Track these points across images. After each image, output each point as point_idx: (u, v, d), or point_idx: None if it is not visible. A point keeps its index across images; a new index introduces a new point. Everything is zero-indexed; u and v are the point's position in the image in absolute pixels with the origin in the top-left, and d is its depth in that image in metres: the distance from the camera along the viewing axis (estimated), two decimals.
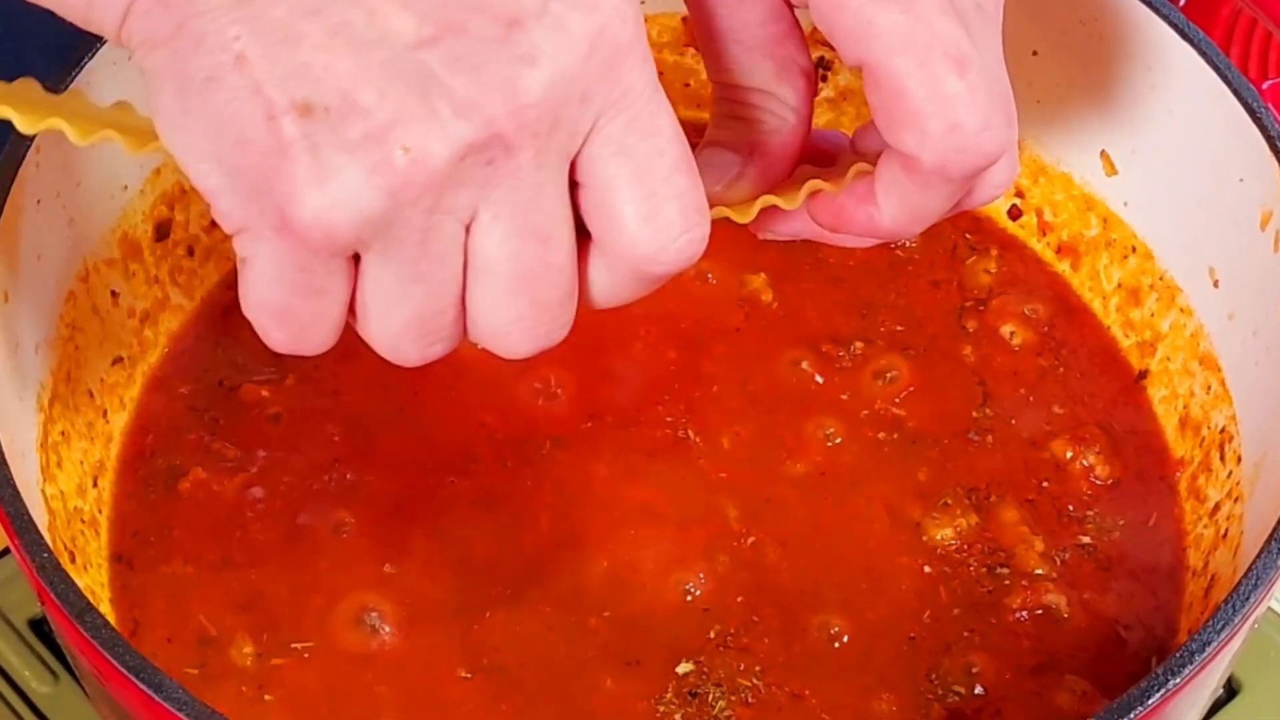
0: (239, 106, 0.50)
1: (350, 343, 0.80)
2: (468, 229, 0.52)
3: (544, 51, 0.51)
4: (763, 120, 0.60)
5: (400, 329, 0.54)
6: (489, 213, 0.52)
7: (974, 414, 0.80)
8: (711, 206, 0.56)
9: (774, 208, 0.60)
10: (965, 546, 0.75)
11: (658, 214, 0.53)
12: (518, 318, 0.54)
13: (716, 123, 0.61)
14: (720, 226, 0.58)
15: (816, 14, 0.57)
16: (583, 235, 0.55)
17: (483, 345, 0.56)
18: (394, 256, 0.52)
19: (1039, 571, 0.74)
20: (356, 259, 0.53)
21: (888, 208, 0.59)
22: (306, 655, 0.71)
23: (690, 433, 0.78)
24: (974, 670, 0.71)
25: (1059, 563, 0.75)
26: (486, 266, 0.53)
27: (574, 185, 0.54)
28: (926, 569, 0.74)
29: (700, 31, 0.60)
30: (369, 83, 0.50)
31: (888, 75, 0.55)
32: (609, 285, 0.56)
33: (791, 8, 0.60)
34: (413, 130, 0.50)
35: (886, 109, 0.56)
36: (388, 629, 0.72)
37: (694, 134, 0.56)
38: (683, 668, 0.71)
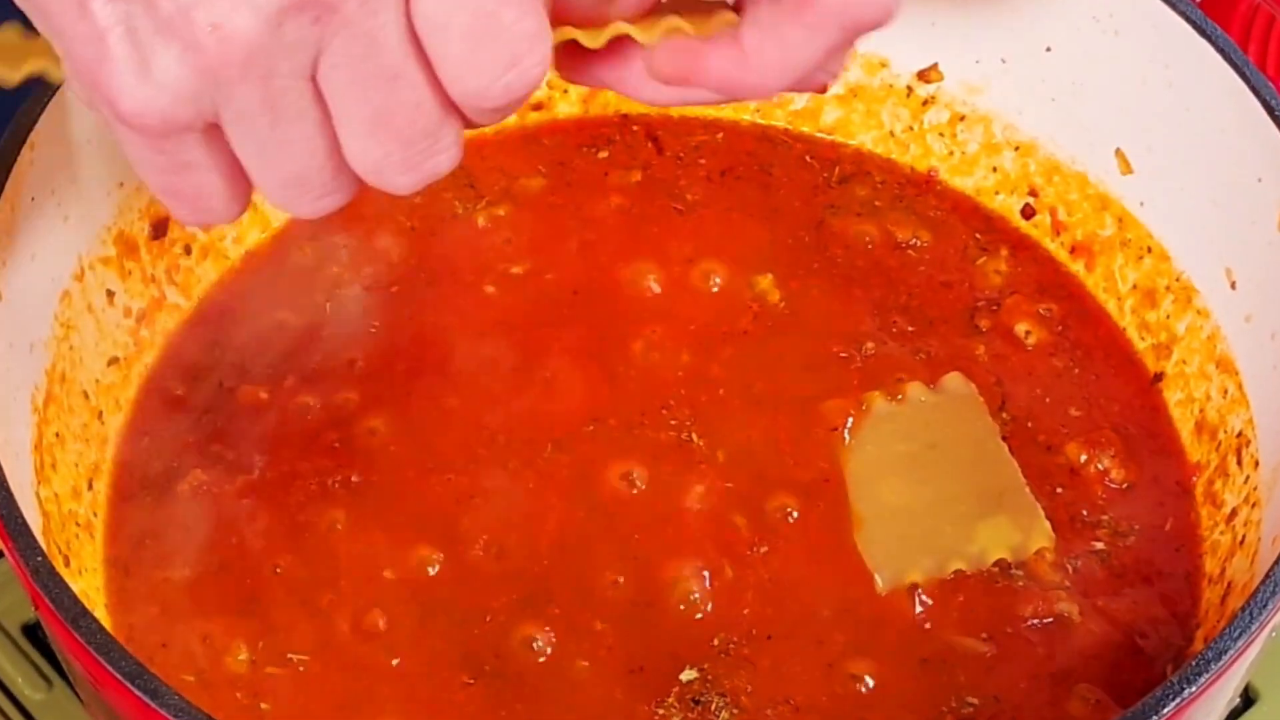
0: None
1: (350, 344, 0.81)
2: (317, 81, 0.52)
3: None
4: None
5: (282, 187, 0.55)
6: (328, 63, 0.52)
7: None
8: (566, 25, 0.55)
9: (624, 40, 0.58)
10: None
11: (480, 51, 0.52)
12: (386, 155, 0.54)
13: None
14: (722, 227, 0.57)
15: None
16: None
17: (373, 186, 0.56)
18: (246, 126, 0.53)
19: (1051, 579, 0.74)
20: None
21: (758, 53, 0.57)
22: (303, 664, 0.71)
23: (694, 435, 0.78)
24: (988, 679, 0.71)
25: (1071, 570, 0.75)
26: (341, 114, 0.53)
27: None
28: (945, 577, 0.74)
29: None
30: None
31: None
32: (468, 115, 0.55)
33: None
34: (217, 5, 0.50)
35: None
36: (388, 635, 0.72)
37: (701, 131, 0.55)
38: (686, 675, 0.71)
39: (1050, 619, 0.73)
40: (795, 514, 0.75)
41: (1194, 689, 0.61)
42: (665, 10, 0.58)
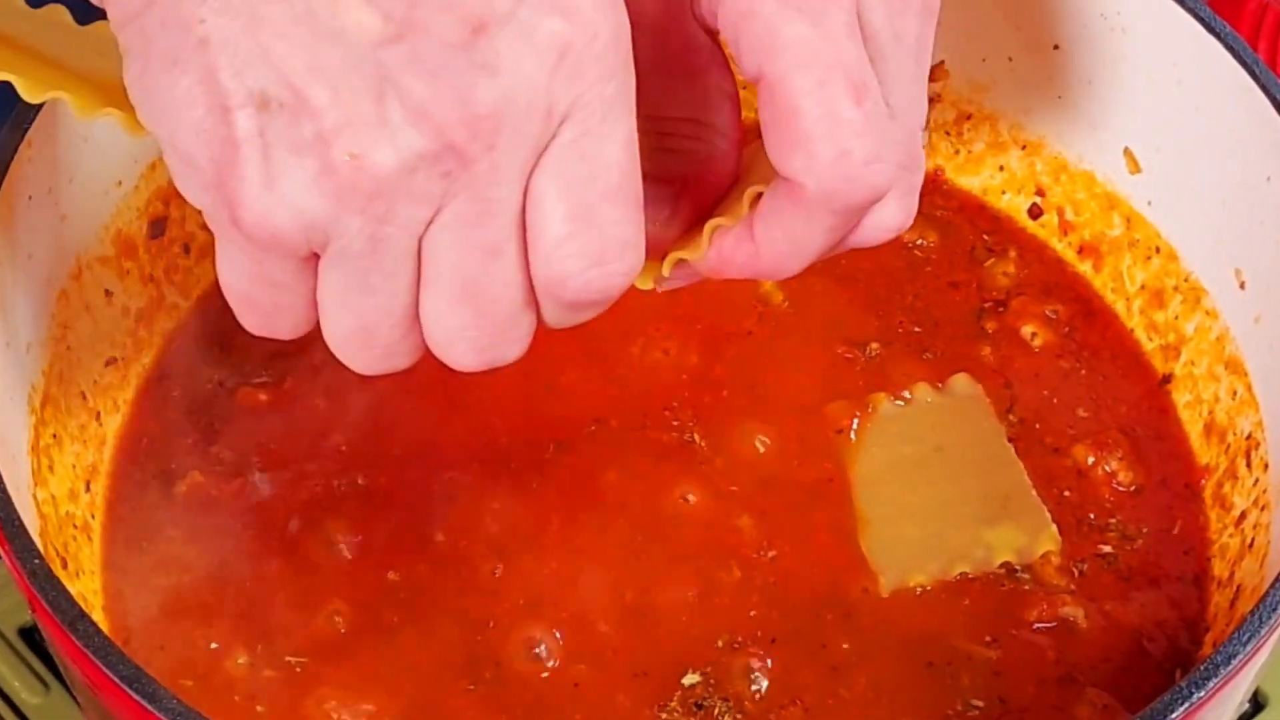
0: (197, 94, 0.50)
1: None
2: (422, 240, 0.53)
3: (505, 60, 0.50)
4: (694, 150, 0.60)
5: (348, 335, 0.55)
6: (440, 222, 0.52)
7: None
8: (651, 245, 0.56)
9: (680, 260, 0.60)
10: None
11: (574, 240, 0.53)
12: (461, 328, 0.54)
13: (648, 157, 0.59)
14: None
15: (724, 22, 0.56)
16: None
17: (435, 354, 0.56)
18: (343, 263, 0.53)
19: (1056, 583, 0.74)
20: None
21: (766, 239, 0.58)
22: (301, 668, 0.71)
23: (697, 437, 0.78)
24: (994, 683, 0.71)
25: (1077, 574, 0.75)
26: (434, 276, 0.53)
27: None
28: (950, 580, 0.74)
29: None
30: (324, 80, 0.50)
31: (784, 91, 0.54)
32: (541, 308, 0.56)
33: (712, 35, 0.59)
34: (361, 135, 0.50)
35: (778, 126, 0.55)
36: (388, 637, 0.72)
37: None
38: (689, 679, 0.71)
39: (1056, 622, 0.73)
40: (800, 516, 0.75)
41: (1203, 694, 0.61)
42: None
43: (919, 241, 0.86)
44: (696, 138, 0.60)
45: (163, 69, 0.51)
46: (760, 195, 0.58)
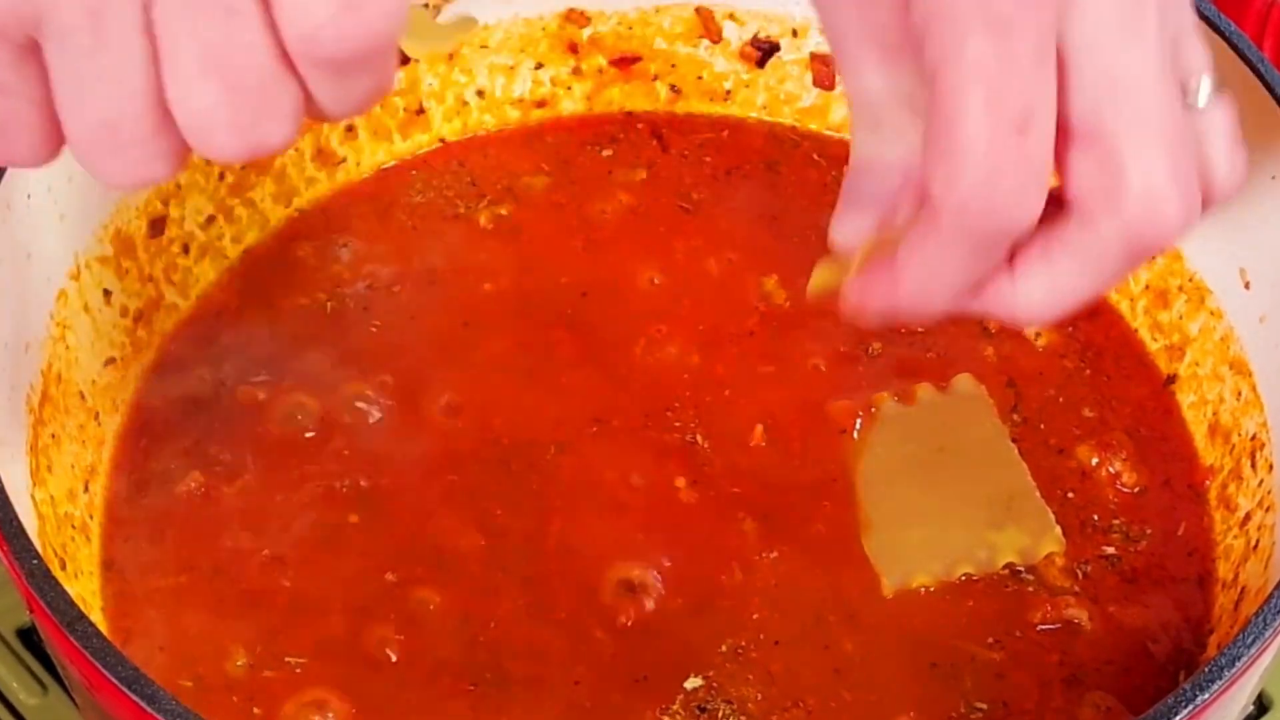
0: None
1: (351, 347, 0.81)
2: (150, 12, 0.49)
3: None
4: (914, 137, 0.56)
5: (90, 134, 0.51)
6: None
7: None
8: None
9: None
10: None
11: None
12: (214, 106, 0.50)
13: (863, 139, 0.57)
14: (728, 226, 0.58)
15: (917, 12, 0.53)
16: None
17: (195, 148, 0.52)
18: (65, 44, 0.49)
19: (1060, 585, 0.74)
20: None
21: (905, 266, 0.55)
22: (300, 669, 0.71)
23: (699, 437, 0.78)
24: (997, 685, 0.71)
25: (1081, 575, 0.75)
26: (169, 47, 0.49)
27: None
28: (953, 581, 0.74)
29: (831, 35, 0.57)
30: None
31: (950, 99, 0.52)
32: (306, 80, 0.52)
33: None
34: None
35: (935, 133, 0.53)
36: (388, 640, 0.72)
37: (707, 128, 0.55)
38: (691, 682, 0.71)
39: (1060, 624, 0.73)
40: (802, 517, 0.75)
41: (1207, 696, 0.61)
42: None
43: (915, 327, 0.85)
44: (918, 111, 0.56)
45: None
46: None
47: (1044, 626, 0.73)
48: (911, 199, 0.57)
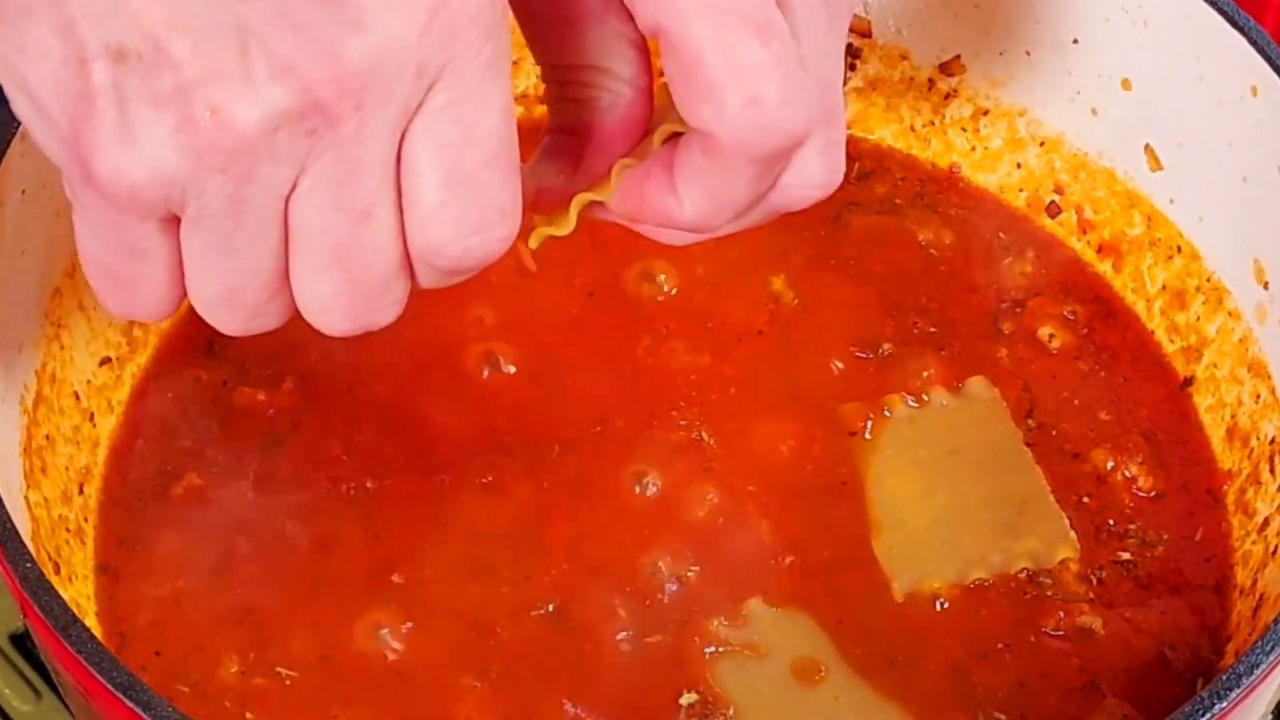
0: (52, 45, 0.49)
1: (353, 345, 0.81)
2: (289, 201, 0.52)
3: (372, 16, 0.50)
4: (597, 98, 0.59)
5: (214, 298, 0.54)
6: (306, 183, 0.51)
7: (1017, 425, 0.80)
8: (555, 199, 0.57)
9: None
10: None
11: (451, 206, 0.53)
12: (334, 295, 0.54)
13: (552, 107, 0.60)
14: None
15: None
16: None
17: (307, 320, 0.55)
18: (205, 223, 0.52)
19: (1075, 590, 0.74)
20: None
21: (687, 196, 0.57)
22: (293, 678, 0.71)
23: (705, 435, 0.78)
24: (1013, 692, 0.71)
25: (1095, 581, 0.75)
26: (302, 240, 0.53)
27: None
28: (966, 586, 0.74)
29: (519, 12, 0.58)
30: (184, 31, 0.49)
31: (684, 40, 0.53)
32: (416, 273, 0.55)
33: None
34: (223, 89, 0.49)
35: (684, 79, 0.54)
36: (387, 644, 0.72)
37: None
38: (686, 699, 0.71)
39: (1075, 631, 0.73)
40: (811, 519, 0.75)
41: (1225, 704, 0.61)
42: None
43: (934, 241, 0.86)
44: (600, 86, 0.59)
45: (17, 18, 0.50)
46: (673, 135, 0.57)
47: (1058, 633, 0.73)
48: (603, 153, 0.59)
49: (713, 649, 0.72)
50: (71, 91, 0.50)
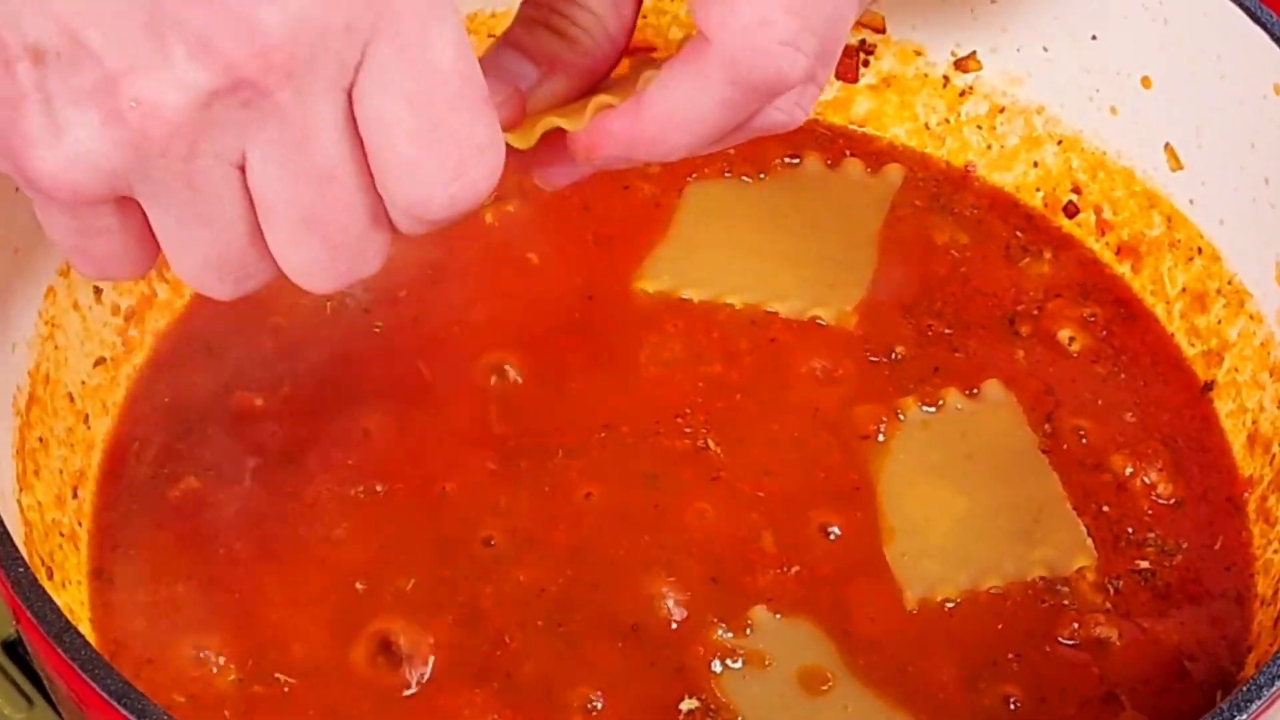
0: None
1: (351, 347, 0.81)
2: (245, 168, 0.52)
3: None
4: (576, 39, 0.59)
5: (199, 268, 0.55)
6: (257, 153, 0.52)
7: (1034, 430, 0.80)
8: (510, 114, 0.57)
9: (558, 133, 0.59)
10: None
11: (425, 159, 0.53)
12: (312, 258, 0.54)
13: (522, 24, 0.60)
14: None
15: None
16: None
17: (295, 283, 0.56)
18: (164, 202, 0.52)
19: (1091, 600, 0.74)
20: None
21: (653, 106, 0.57)
22: (292, 685, 0.71)
23: (710, 443, 0.78)
24: (1030, 705, 0.71)
25: (1112, 591, 0.75)
26: (268, 209, 0.53)
27: None
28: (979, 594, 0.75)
29: None
30: (99, 23, 0.49)
31: None
32: (397, 224, 0.56)
33: None
34: (144, 79, 0.50)
35: None
36: (386, 649, 0.72)
37: None
38: (686, 705, 0.71)
39: (1090, 641, 0.73)
40: (823, 526, 0.75)
41: (1245, 716, 0.61)
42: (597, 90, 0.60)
43: (950, 241, 0.86)
44: (583, 28, 0.59)
45: None
46: (646, 77, 0.57)
47: (1075, 643, 0.73)
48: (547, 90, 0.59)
49: (717, 657, 0.72)
50: (2, 96, 0.50)
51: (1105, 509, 0.78)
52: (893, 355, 0.81)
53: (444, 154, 0.53)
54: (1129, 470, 0.78)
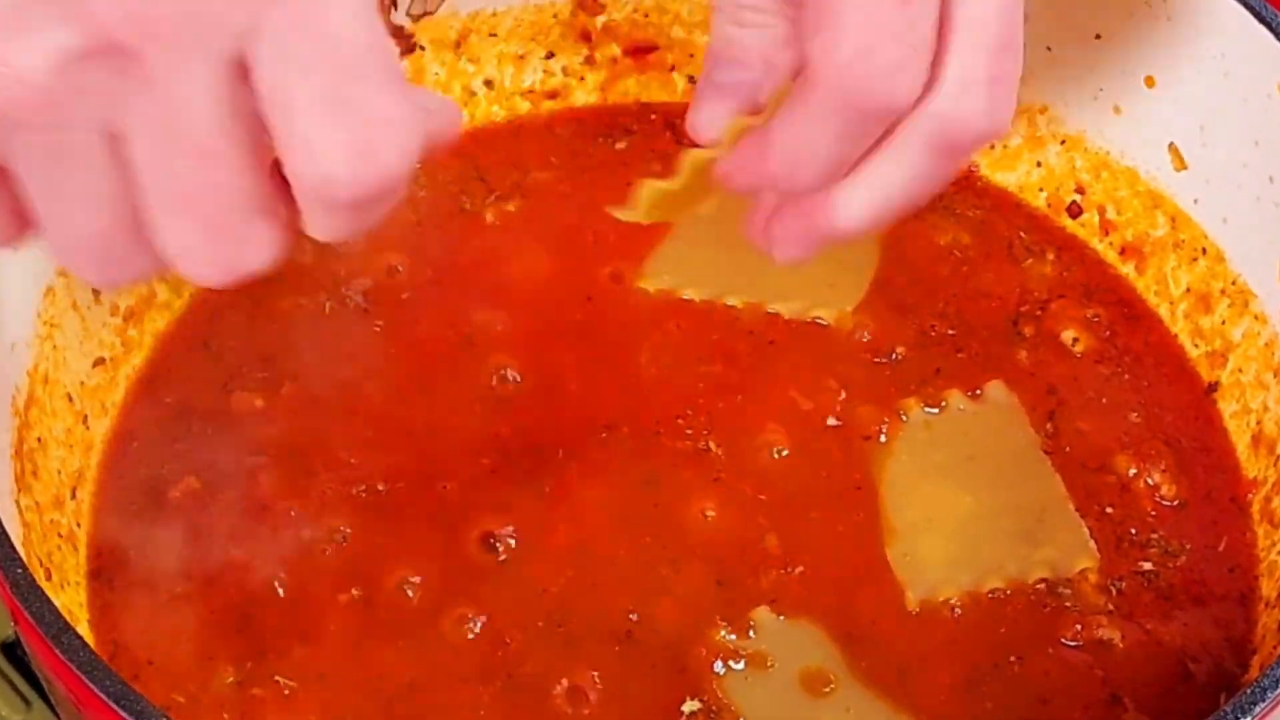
0: None
1: (352, 349, 0.81)
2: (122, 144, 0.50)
3: None
4: (769, 28, 0.58)
5: (69, 246, 0.52)
6: (130, 124, 0.49)
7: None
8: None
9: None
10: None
11: (327, 134, 0.49)
12: (188, 245, 0.51)
13: (725, 31, 0.59)
14: None
15: None
16: None
17: (175, 268, 0.53)
18: (35, 174, 0.50)
19: (1094, 601, 0.74)
20: None
21: (777, 138, 0.56)
22: (292, 688, 0.71)
23: (712, 444, 0.78)
24: (1032, 706, 0.71)
25: (1115, 592, 0.75)
26: (144, 184, 0.50)
27: None
28: (981, 596, 0.75)
29: None
30: None
31: None
32: (306, 213, 0.52)
33: None
34: (8, 43, 0.47)
35: (815, 2, 0.54)
36: (385, 651, 0.72)
37: None
38: (688, 706, 0.71)
39: (1093, 642, 0.73)
40: (822, 526, 0.76)
41: (1249, 719, 0.61)
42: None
43: (952, 242, 0.86)
44: (781, 13, 0.58)
45: None
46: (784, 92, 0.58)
47: (1077, 645, 0.73)
48: (770, 87, 0.59)
49: (719, 658, 0.72)
50: None
51: (1108, 510, 0.78)
52: (894, 356, 0.81)
53: (349, 128, 0.49)
54: (1132, 471, 0.78)
